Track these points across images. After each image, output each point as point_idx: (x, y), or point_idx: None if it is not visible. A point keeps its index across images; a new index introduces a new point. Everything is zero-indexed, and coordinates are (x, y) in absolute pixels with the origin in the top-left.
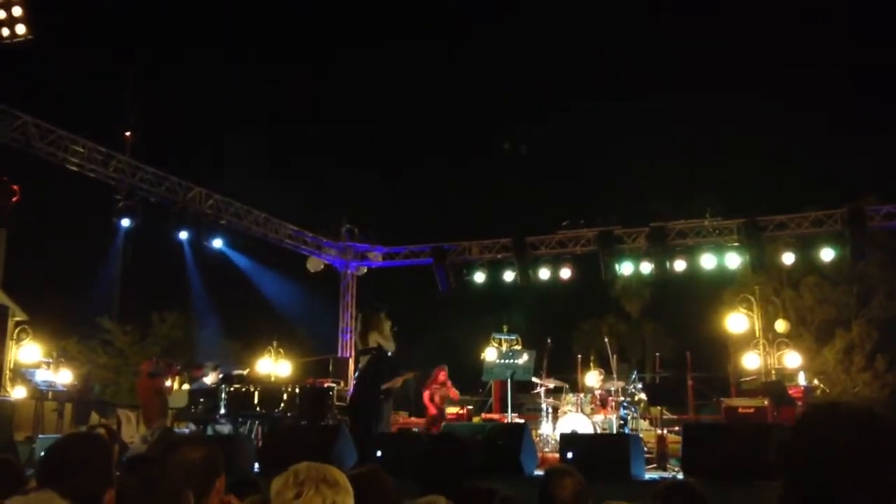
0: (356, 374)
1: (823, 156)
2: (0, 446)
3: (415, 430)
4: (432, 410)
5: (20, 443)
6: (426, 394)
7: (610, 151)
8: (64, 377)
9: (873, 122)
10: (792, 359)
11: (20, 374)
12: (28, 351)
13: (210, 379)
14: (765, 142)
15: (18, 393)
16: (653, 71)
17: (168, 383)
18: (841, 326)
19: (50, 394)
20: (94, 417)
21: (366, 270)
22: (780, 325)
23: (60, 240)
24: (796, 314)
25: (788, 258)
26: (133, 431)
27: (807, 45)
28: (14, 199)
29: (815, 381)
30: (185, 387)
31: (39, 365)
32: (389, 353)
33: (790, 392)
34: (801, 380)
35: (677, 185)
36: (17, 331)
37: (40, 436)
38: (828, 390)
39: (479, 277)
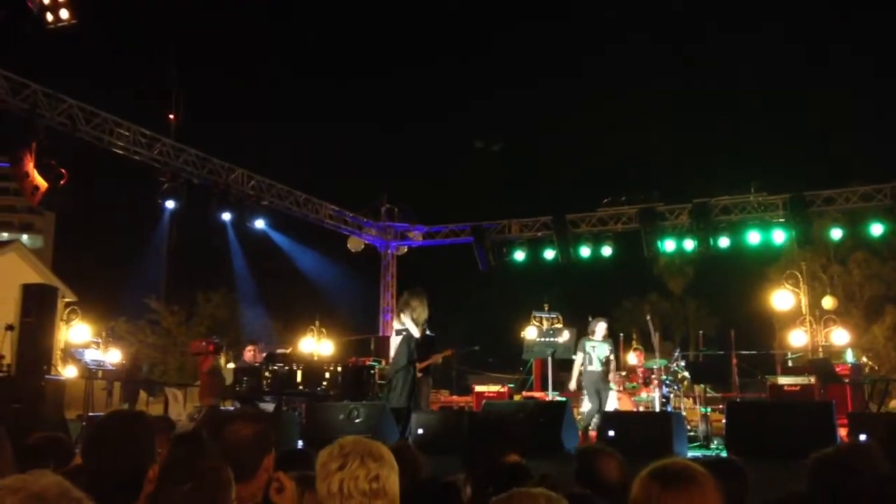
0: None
1: (872, 129)
2: (52, 424)
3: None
4: None
5: (71, 421)
6: None
7: (652, 127)
8: (113, 357)
9: None
10: (840, 336)
11: (70, 354)
12: (78, 331)
13: (249, 356)
14: (811, 115)
15: (69, 372)
16: (695, 42)
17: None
18: (890, 303)
19: (99, 373)
20: (143, 396)
21: (406, 250)
22: (828, 302)
23: (107, 222)
24: (844, 290)
25: (836, 234)
26: (180, 410)
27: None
28: (61, 182)
29: (864, 359)
30: (231, 365)
31: (89, 345)
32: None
33: (837, 370)
34: (849, 357)
35: (721, 159)
36: (66, 312)
37: (90, 414)
38: (877, 367)
39: (520, 256)
